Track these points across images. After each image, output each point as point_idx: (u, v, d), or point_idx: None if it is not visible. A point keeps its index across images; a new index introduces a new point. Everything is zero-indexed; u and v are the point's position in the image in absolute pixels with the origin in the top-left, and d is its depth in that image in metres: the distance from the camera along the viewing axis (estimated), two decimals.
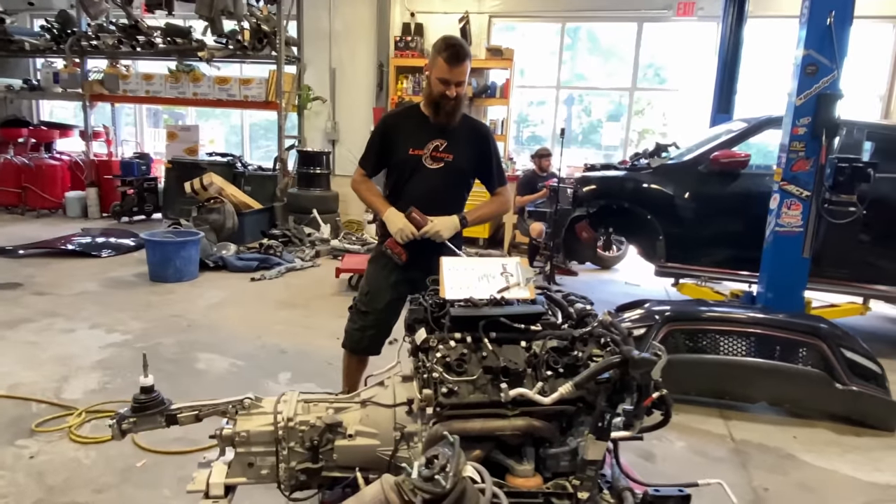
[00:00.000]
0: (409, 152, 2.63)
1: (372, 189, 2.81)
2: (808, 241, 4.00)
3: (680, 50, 8.40)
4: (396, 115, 2.80)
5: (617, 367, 1.74)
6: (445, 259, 2.23)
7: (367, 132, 9.19)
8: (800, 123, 3.90)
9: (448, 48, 2.50)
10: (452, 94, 2.54)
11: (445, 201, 2.71)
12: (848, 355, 3.53)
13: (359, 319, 2.82)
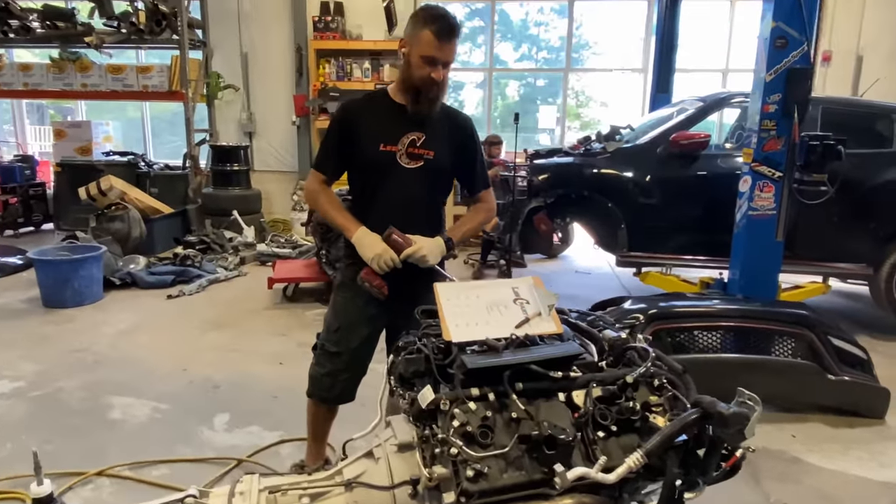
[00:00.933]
0: (379, 148, 2.11)
1: (334, 201, 2.22)
2: (781, 223, 3.82)
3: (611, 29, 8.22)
4: (359, 102, 2.23)
5: (696, 424, 1.36)
6: (441, 287, 1.75)
7: (288, 122, 8.62)
8: (770, 100, 3.69)
9: (437, 19, 1.98)
10: (439, 77, 2.04)
11: (427, 211, 2.23)
12: (836, 343, 3.38)
13: (328, 362, 2.28)
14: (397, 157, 2.12)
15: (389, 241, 2.03)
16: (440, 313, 1.66)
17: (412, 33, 2.03)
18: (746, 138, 3.91)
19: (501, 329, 1.61)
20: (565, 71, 8.01)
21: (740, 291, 3.93)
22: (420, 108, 2.10)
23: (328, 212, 2.19)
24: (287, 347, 4.26)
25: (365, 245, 2.06)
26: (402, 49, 2.09)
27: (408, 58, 2.06)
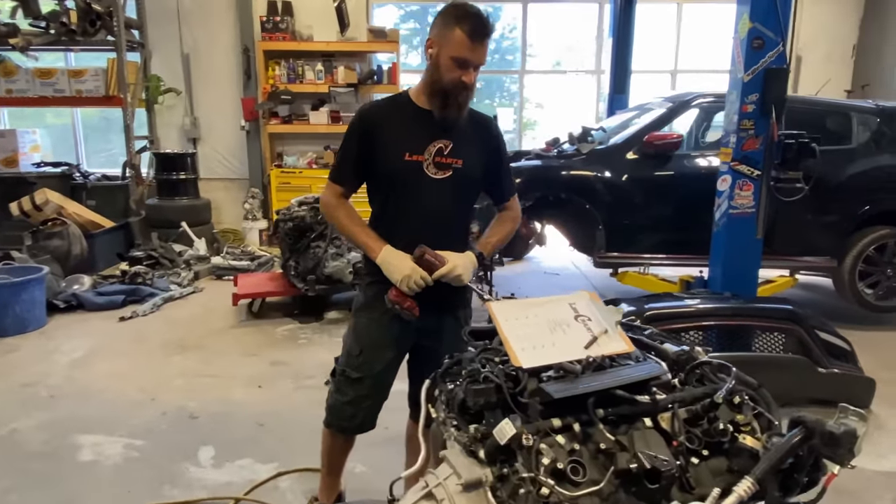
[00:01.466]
0: (404, 158, 1.94)
1: (354, 216, 2.03)
2: (760, 221, 3.90)
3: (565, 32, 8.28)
4: (379, 107, 2.06)
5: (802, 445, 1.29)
6: (496, 307, 1.62)
7: (237, 127, 8.20)
8: (748, 100, 3.76)
9: (470, 17, 1.82)
10: (471, 81, 1.89)
11: (455, 224, 2.08)
12: (823, 336, 3.46)
13: (350, 389, 2.10)
14: (424, 167, 1.95)
15: (422, 261, 1.88)
16: (502, 336, 1.53)
17: (441, 32, 1.87)
18: (724, 138, 3.96)
19: (570, 350, 1.50)
20: (520, 73, 8.01)
21: (722, 289, 3.98)
22: (448, 114, 1.94)
23: (348, 228, 2.02)
24: (261, 368, 4.00)
25: (393, 266, 1.90)
26: (428, 50, 1.91)
27: (436, 59, 1.89)
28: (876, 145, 4.64)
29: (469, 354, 1.71)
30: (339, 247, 5.04)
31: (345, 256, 5.00)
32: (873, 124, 4.72)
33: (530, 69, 8.00)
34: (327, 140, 7.72)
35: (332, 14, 7.27)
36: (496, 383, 1.42)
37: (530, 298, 1.68)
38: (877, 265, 4.66)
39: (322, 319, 4.96)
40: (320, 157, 7.65)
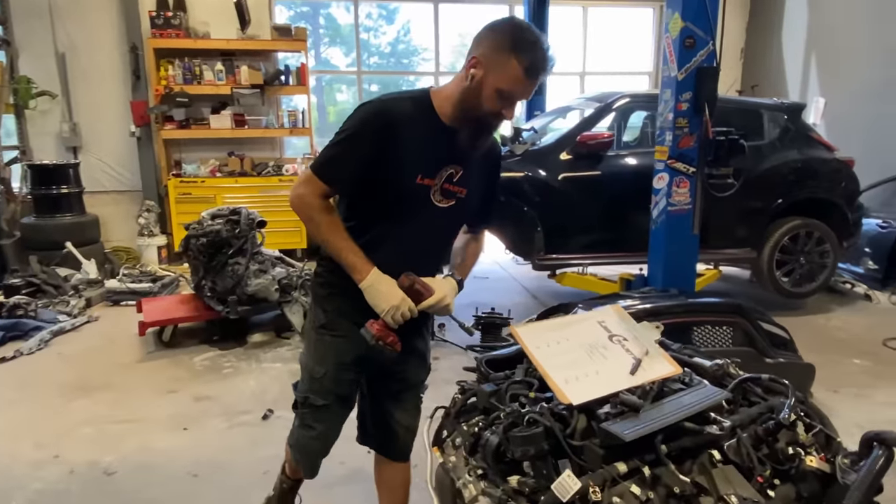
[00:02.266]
0: (416, 181, 1.67)
1: (339, 228, 1.68)
2: (696, 217, 3.97)
3: None
4: (403, 108, 1.66)
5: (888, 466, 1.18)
6: (523, 332, 1.41)
7: (126, 133, 7.37)
8: (683, 99, 3.81)
9: (532, 49, 1.54)
10: (510, 117, 1.65)
11: (441, 255, 1.87)
12: (766, 327, 3.56)
13: (317, 422, 1.86)
14: (431, 193, 1.69)
15: (411, 290, 1.65)
16: (540, 369, 1.32)
17: (495, 57, 1.56)
18: (659, 136, 4.00)
19: (616, 379, 1.32)
20: (435, 75, 7.85)
21: (662, 285, 4.01)
22: (478, 145, 1.70)
23: (331, 239, 1.67)
24: (184, 407, 3.52)
25: (381, 294, 1.62)
26: (471, 69, 1.59)
27: (479, 84, 1.58)
28: (784, 141, 4.92)
29: (486, 388, 1.49)
30: (263, 262, 4.61)
31: (269, 273, 4.58)
32: (781, 121, 5.00)
33: (443, 71, 7.85)
34: (231, 146, 7.16)
35: (230, 10, 6.73)
36: (545, 426, 1.20)
37: (554, 319, 1.49)
38: (791, 254, 4.93)
39: (246, 344, 4.50)
40: (224, 164, 7.06)
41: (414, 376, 1.94)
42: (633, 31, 8.45)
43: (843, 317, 5.08)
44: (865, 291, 5.53)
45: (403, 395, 1.94)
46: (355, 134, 1.63)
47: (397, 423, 1.95)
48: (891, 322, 4.87)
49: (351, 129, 1.64)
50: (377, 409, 1.98)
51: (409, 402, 1.96)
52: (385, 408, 1.96)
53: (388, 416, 1.95)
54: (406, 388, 1.94)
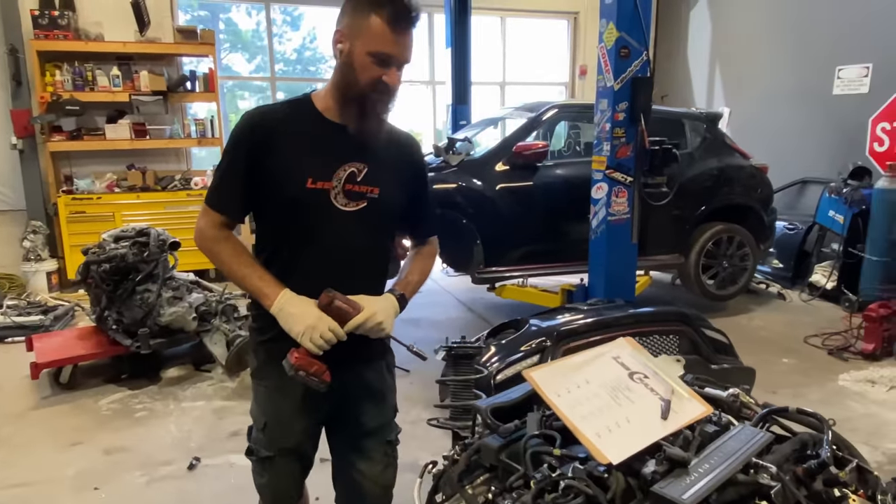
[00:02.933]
0: (306, 185, 1.49)
1: (243, 254, 1.54)
2: (635, 226, 3.99)
3: None
4: (274, 114, 1.55)
5: None
6: (538, 377, 1.22)
7: (6, 145, 6.52)
8: (619, 109, 3.81)
9: (389, 1, 1.40)
10: (395, 82, 1.48)
11: (370, 267, 1.63)
12: (708, 334, 3.60)
13: (265, 471, 1.70)
14: (331, 196, 1.51)
15: (331, 309, 1.45)
16: (568, 422, 1.14)
17: (353, 22, 1.44)
18: (597, 146, 3.98)
19: (649, 426, 1.16)
20: None
21: (604, 295, 3.99)
22: (367, 126, 1.50)
23: (234, 268, 1.52)
24: (93, 461, 3.06)
25: (293, 315, 1.45)
26: (337, 45, 1.47)
27: (348, 56, 1.45)
28: (704, 149, 5.09)
29: (493, 442, 1.29)
30: (177, 288, 4.15)
31: (185, 300, 4.13)
32: (701, 130, 5.18)
33: None
34: (131, 158, 6.52)
35: (126, 10, 6.14)
36: (587, 495, 1.02)
37: (567, 359, 1.31)
38: (715, 258, 5.11)
39: (160, 381, 4.03)
40: (123, 178, 6.41)
41: (372, 420, 1.71)
42: (550, 43, 8.59)
43: (763, 316, 5.32)
44: (779, 290, 5.84)
45: (364, 443, 1.72)
46: (230, 154, 1.53)
47: (363, 475, 1.72)
48: (806, 319, 5.15)
49: (226, 152, 1.56)
50: (339, 461, 1.77)
51: (375, 452, 1.73)
52: (347, 459, 1.74)
53: (352, 469, 1.73)
54: (365, 433, 1.71)
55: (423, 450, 2.79)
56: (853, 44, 5.88)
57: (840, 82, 6.05)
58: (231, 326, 4.21)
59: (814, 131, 6.30)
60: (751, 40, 7.09)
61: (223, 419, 3.53)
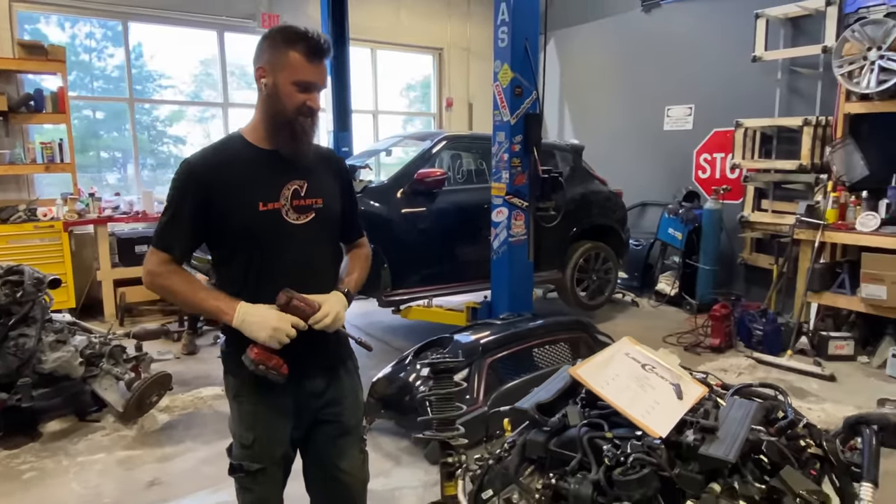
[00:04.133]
0: (258, 209, 1.67)
1: (193, 282, 1.71)
2: (531, 246, 4.40)
3: None
4: (210, 157, 1.71)
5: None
6: (584, 374, 1.45)
7: None
8: (515, 141, 4.21)
9: (302, 37, 1.63)
10: (317, 105, 1.70)
11: (328, 272, 1.84)
12: (600, 338, 4.09)
13: (255, 485, 1.78)
14: (283, 214, 1.69)
15: (289, 307, 1.61)
16: (618, 408, 1.37)
17: (273, 58, 1.65)
18: (496, 174, 4.34)
19: (672, 405, 1.44)
20: (224, 106, 7.28)
21: (507, 310, 4.34)
22: (300, 148, 1.71)
23: (189, 295, 1.67)
24: None
25: (255, 324, 1.59)
26: (261, 80, 1.67)
27: (272, 88, 1.65)
28: (573, 177, 5.73)
29: (537, 436, 1.48)
30: (60, 331, 3.72)
31: (69, 343, 3.72)
32: (569, 159, 5.83)
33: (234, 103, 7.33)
34: None
35: None
36: (653, 465, 1.26)
37: (593, 359, 1.54)
38: (585, 272, 5.74)
39: (41, 437, 3.58)
40: None
41: (350, 417, 1.88)
42: (418, 76, 9.01)
43: (624, 322, 6.06)
44: (633, 299, 6.69)
45: (343, 442, 1.87)
46: (174, 202, 1.67)
47: (345, 473, 1.88)
48: (658, 322, 5.97)
49: (170, 199, 1.69)
50: (319, 464, 1.89)
51: (353, 449, 1.90)
52: (328, 460, 1.87)
53: (334, 470, 1.87)
54: (344, 432, 1.87)
55: None
56: (679, 88, 7.00)
57: (669, 120, 7.15)
58: (121, 369, 3.88)
59: (649, 161, 7.35)
60: (593, 82, 8.09)
61: (133, 470, 3.25)
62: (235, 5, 6.99)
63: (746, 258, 6.28)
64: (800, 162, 5.50)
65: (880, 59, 4.60)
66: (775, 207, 5.99)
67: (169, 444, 3.53)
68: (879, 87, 4.64)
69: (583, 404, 1.51)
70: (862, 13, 4.77)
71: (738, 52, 6.16)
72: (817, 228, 4.91)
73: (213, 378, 4.54)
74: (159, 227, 1.70)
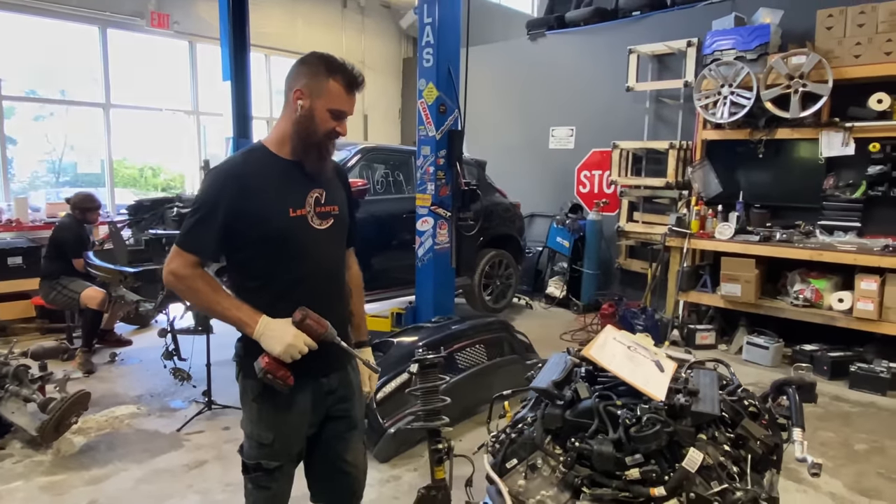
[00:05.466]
0: (289, 214, 1.79)
1: (219, 288, 1.76)
2: (453, 253, 4.70)
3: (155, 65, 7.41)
4: (243, 164, 1.81)
5: None
6: (595, 354, 1.74)
7: None
8: (440, 155, 4.50)
9: (342, 69, 1.79)
10: (345, 132, 1.86)
11: (341, 275, 2.01)
12: (518, 337, 4.48)
13: (273, 481, 1.86)
14: (309, 219, 1.83)
15: (303, 325, 1.73)
16: (626, 380, 1.68)
17: (313, 84, 1.77)
18: (420, 185, 4.59)
19: (658, 376, 1.78)
20: (105, 106, 6.77)
21: (434, 314, 4.59)
22: (324, 166, 1.87)
23: (213, 301, 1.73)
24: None
25: (274, 337, 1.70)
26: (298, 101, 1.78)
27: (309, 111, 1.77)
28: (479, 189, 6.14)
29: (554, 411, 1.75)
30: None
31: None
32: (475, 173, 6.22)
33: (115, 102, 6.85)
34: None
35: None
36: (661, 422, 1.59)
37: (594, 342, 1.84)
38: (490, 278, 6.17)
39: None
40: None
41: (358, 412, 2.04)
42: None
43: (522, 322, 6.55)
44: (527, 301, 7.25)
45: (350, 435, 2.00)
46: (207, 204, 1.74)
47: (350, 465, 2.00)
48: (552, 322, 6.55)
49: (203, 202, 1.76)
50: (326, 456, 1.99)
51: (357, 442, 2.04)
52: (336, 452, 1.99)
53: (340, 461, 1.99)
54: (352, 426, 2.01)
55: None
56: (562, 111, 7.73)
57: (554, 139, 7.86)
58: (28, 391, 3.57)
59: (538, 176, 8.01)
60: (487, 100, 8.62)
61: (64, 495, 3.05)
62: (122, 2, 6.57)
63: (622, 263, 7.10)
64: (666, 180, 6.38)
65: (731, 95, 5.52)
66: (645, 219, 6.86)
67: (95, 467, 3.33)
68: (731, 118, 5.56)
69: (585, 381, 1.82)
70: (716, 55, 5.67)
71: (613, 81, 6.98)
72: (684, 237, 5.74)
73: (122, 396, 4.29)
74: (187, 227, 1.74)
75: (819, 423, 3.92)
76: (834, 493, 3.11)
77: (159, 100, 7.30)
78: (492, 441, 1.87)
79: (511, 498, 1.73)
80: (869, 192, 5.12)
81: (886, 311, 4.64)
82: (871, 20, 4.89)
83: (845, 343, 5.00)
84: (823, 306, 5.04)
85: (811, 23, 5.24)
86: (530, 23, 7.93)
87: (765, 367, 5.07)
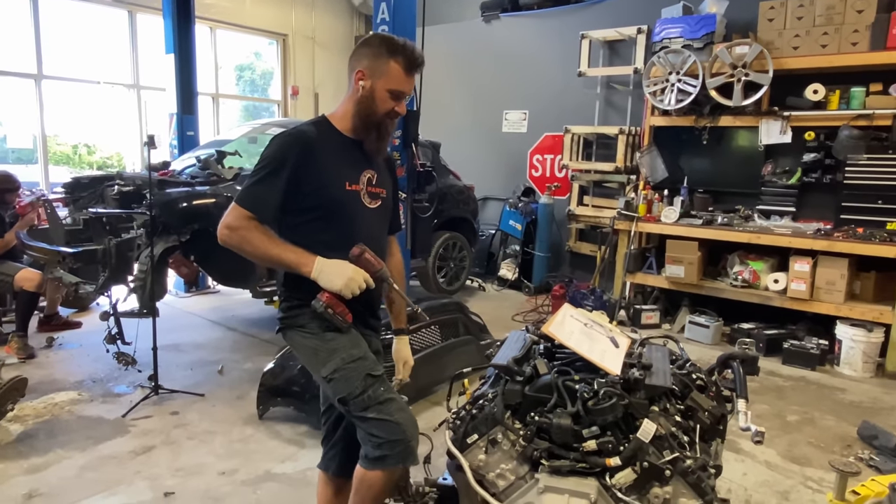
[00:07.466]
0: (346, 188, 1.88)
1: (273, 237, 1.80)
2: (408, 235, 4.69)
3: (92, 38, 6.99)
4: (312, 134, 1.85)
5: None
6: (554, 330, 1.78)
7: None
8: (396, 136, 4.45)
9: (404, 50, 1.85)
10: (403, 112, 1.95)
11: (383, 253, 2.04)
12: (473, 318, 4.53)
13: (388, 390, 1.85)
14: (361, 196, 1.92)
15: (360, 260, 1.81)
16: (584, 355, 1.74)
17: (374, 65, 1.85)
18: None
19: (614, 351, 1.85)
20: (37, 77, 6.37)
21: None
22: (382, 146, 1.97)
23: (268, 249, 1.77)
24: None
25: (333, 273, 1.76)
26: (359, 81, 1.86)
27: (370, 91, 1.86)
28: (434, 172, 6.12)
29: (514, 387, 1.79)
30: None
31: None
32: (430, 155, 6.19)
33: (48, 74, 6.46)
34: None
35: None
36: (617, 395, 1.65)
37: (553, 319, 1.88)
38: (445, 260, 6.19)
39: None
40: None
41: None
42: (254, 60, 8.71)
43: (476, 304, 6.60)
44: (480, 284, 7.32)
45: None
46: (274, 165, 1.79)
47: None
48: (504, 303, 6.64)
49: (269, 162, 1.80)
50: None
51: None
52: None
53: None
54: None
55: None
56: (515, 94, 7.77)
57: (507, 123, 7.91)
58: None
59: (491, 159, 8.04)
60: (439, 81, 8.54)
61: (1, 485, 2.89)
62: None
63: (573, 246, 7.25)
64: (616, 164, 6.53)
65: (678, 83, 5.68)
66: (595, 203, 7.03)
67: (34, 455, 3.18)
68: (677, 105, 5.73)
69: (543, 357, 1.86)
70: (665, 43, 5.81)
71: (566, 66, 7.07)
72: (632, 220, 5.91)
73: (61, 382, 4.11)
74: (247, 186, 1.79)
75: (755, 396, 4.14)
76: (769, 461, 3.30)
77: (96, 72, 6.91)
78: (452, 417, 1.90)
79: (472, 472, 1.77)
80: (804, 179, 5.39)
81: (817, 291, 4.92)
82: (809, 13, 5.12)
83: (779, 322, 5.28)
84: (760, 287, 5.30)
85: (754, 14, 5.43)
86: (484, 4, 7.91)
87: (706, 345, 5.31)
